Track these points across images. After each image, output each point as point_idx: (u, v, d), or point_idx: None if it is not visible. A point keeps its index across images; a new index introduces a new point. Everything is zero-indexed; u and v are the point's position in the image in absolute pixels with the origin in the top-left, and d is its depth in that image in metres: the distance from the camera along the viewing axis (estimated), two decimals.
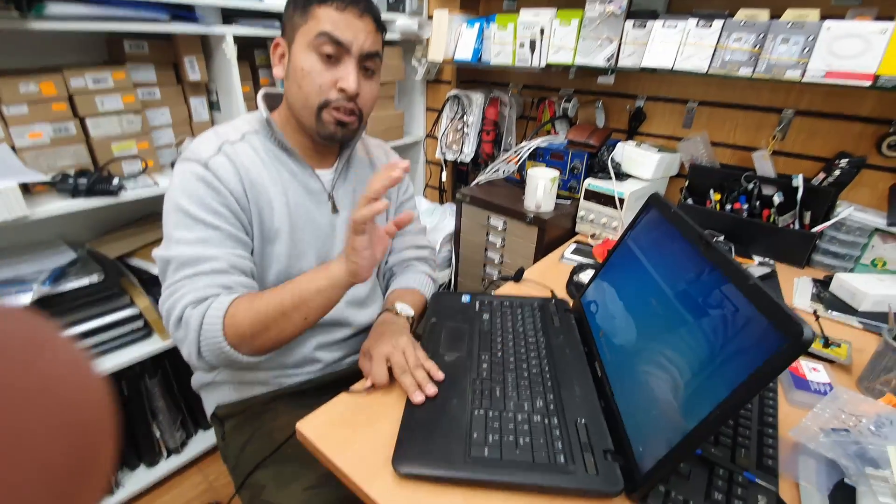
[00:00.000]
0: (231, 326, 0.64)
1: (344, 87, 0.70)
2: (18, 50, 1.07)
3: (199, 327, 0.64)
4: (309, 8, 0.69)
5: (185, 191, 0.68)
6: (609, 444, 0.57)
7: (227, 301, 0.65)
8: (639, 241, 0.75)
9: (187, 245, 0.67)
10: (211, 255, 0.67)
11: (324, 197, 0.81)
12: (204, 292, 0.65)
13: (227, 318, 0.64)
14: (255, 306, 0.65)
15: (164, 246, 0.69)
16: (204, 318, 0.64)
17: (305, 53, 0.69)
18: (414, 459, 0.55)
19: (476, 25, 1.41)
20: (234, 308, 0.65)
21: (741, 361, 0.46)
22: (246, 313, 0.65)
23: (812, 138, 1.18)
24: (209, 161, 0.69)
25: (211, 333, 0.64)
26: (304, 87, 0.70)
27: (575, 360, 0.73)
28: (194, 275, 0.66)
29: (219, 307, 0.65)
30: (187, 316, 0.64)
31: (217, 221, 0.69)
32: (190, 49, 1.16)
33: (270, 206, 0.74)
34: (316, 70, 0.69)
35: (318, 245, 0.80)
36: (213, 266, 0.67)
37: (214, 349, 0.65)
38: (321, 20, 0.68)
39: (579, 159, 1.32)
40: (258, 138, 0.76)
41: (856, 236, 1.08)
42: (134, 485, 1.27)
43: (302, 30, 0.69)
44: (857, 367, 0.80)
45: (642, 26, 1.11)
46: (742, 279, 0.50)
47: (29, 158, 0.99)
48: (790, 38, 0.95)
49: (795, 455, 0.61)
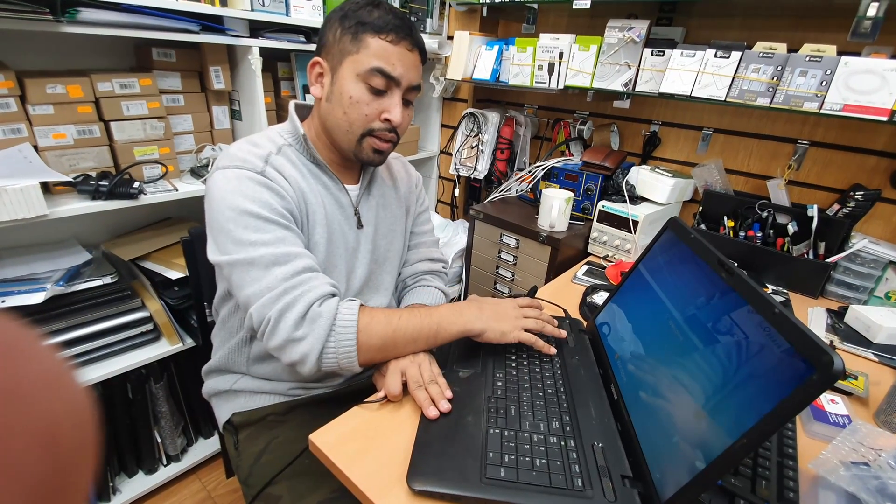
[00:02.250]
0: (364, 333, 0.66)
1: (390, 118, 0.71)
2: (46, 51, 1.09)
3: (331, 325, 0.64)
4: (361, 36, 0.68)
5: (248, 196, 0.67)
6: (627, 469, 0.56)
7: (356, 305, 0.67)
8: (656, 264, 0.75)
9: (268, 246, 0.65)
10: (297, 251, 0.67)
11: (351, 211, 0.81)
12: (324, 289, 0.66)
13: (361, 325, 0.66)
14: (394, 324, 0.68)
15: (231, 251, 0.66)
16: (336, 317, 0.65)
17: (354, 83, 0.70)
18: (428, 477, 0.54)
19: (495, 48, 1.44)
20: (369, 317, 0.67)
21: (767, 391, 0.45)
22: (381, 327, 0.67)
23: (826, 169, 1.19)
24: (265, 170, 0.70)
25: (344, 336, 0.64)
26: (349, 115, 0.71)
27: (590, 382, 0.72)
28: (296, 272, 0.65)
29: (350, 311, 0.66)
30: (314, 314, 0.64)
31: (288, 223, 0.69)
32: (216, 59, 1.18)
33: (314, 217, 0.75)
34: (364, 100, 0.70)
35: (347, 259, 0.81)
36: (306, 263, 0.67)
37: (341, 351, 0.64)
38: (374, 52, 0.68)
39: (594, 181, 1.33)
40: (293, 151, 0.76)
41: (870, 268, 1.08)
42: (131, 491, 1.25)
43: (352, 58, 0.69)
44: (873, 400, 0.79)
45: (660, 54, 1.13)
46: (767, 307, 0.50)
47: (51, 158, 1.01)
48: (808, 72, 0.96)
49: (816, 488, 0.60)
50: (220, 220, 0.66)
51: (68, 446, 0.19)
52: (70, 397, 0.20)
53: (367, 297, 0.87)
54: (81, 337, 1.06)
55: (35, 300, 0.96)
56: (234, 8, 1.14)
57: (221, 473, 1.39)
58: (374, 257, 0.86)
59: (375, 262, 0.87)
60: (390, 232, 0.88)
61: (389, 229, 0.88)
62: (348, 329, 0.64)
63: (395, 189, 0.91)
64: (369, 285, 0.87)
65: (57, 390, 0.20)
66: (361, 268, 0.83)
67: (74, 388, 0.21)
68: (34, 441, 0.18)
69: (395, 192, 0.91)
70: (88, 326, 1.06)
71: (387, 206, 0.88)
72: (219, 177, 0.68)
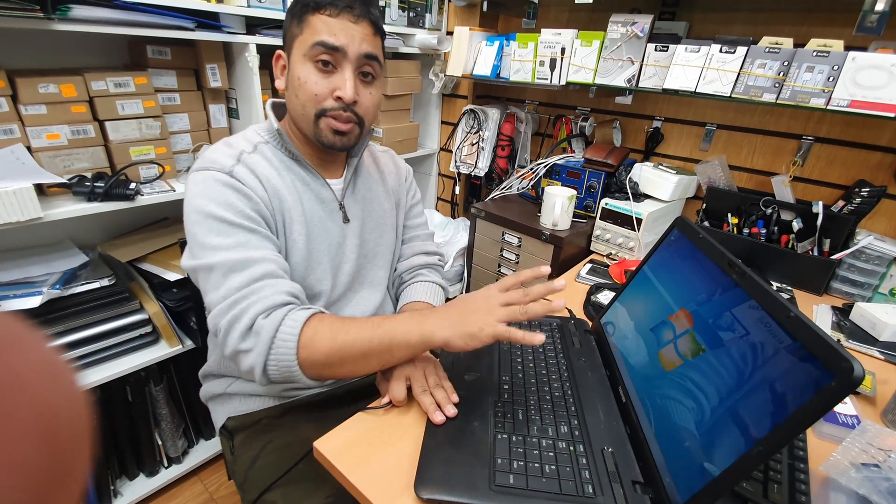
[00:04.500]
0: (306, 348, 0.61)
1: (340, 94, 0.69)
2: (38, 50, 1.07)
3: (272, 340, 0.61)
4: (304, 17, 0.68)
5: (213, 198, 0.66)
6: (638, 474, 0.56)
7: (303, 318, 0.62)
8: (663, 264, 0.74)
9: (228, 250, 0.64)
10: (257, 256, 0.65)
11: (335, 206, 0.80)
12: (273, 300, 0.63)
13: (303, 339, 0.61)
14: (339, 339, 0.62)
15: (197, 255, 0.66)
16: (278, 331, 0.61)
17: (302, 63, 0.69)
18: (436, 484, 0.54)
19: (496, 43, 1.42)
20: (313, 331, 0.62)
21: (783, 397, 0.44)
22: (325, 342, 0.62)
23: (831, 166, 1.18)
24: (233, 170, 0.68)
25: (283, 350, 0.61)
26: (300, 97, 0.70)
27: (597, 384, 0.71)
28: (251, 280, 0.63)
29: (293, 324, 0.62)
30: (258, 326, 0.61)
31: (253, 225, 0.67)
32: (212, 56, 1.16)
33: (290, 214, 0.74)
34: (312, 79, 0.69)
35: (332, 255, 0.80)
36: (266, 269, 0.65)
37: (282, 366, 0.62)
38: (316, 29, 0.67)
39: (596, 178, 1.32)
40: (269, 149, 0.75)
41: (874, 265, 1.07)
42: (132, 494, 1.25)
43: (298, 40, 0.69)
44: (881, 399, 0.78)
45: (664, 49, 1.12)
46: (782, 310, 0.49)
47: (45, 159, 0.99)
48: (815, 67, 0.95)
49: (826, 490, 0.60)
50: (188, 223, 0.67)
51: (65, 438, 0.19)
52: (66, 389, 0.20)
53: (358, 292, 0.86)
54: (79, 340, 1.04)
55: (31, 304, 0.94)
56: (230, 4, 1.11)
57: (223, 475, 1.38)
58: (363, 252, 0.85)
59: (364, 256, 0.85)
60: (379, 226, 0.87)
61: (378, 223, 0.87)
62: (288, 344, 0.61)
63: (383, 182, 0.90)
64: (359, 280, 0.86)
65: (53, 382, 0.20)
66: (349, 263, 0.82)
67: (70, 381, 0.21)
68: (32, 432, 0.18)
69: (383, 185, 0.89)
70: (86, 330, 1.05)
71: (374, 200, 0.86)
72: (190, 180, 0.69)
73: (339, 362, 0.63)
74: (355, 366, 0.64)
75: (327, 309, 0.81)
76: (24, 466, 0.17)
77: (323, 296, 0.80)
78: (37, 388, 0.19)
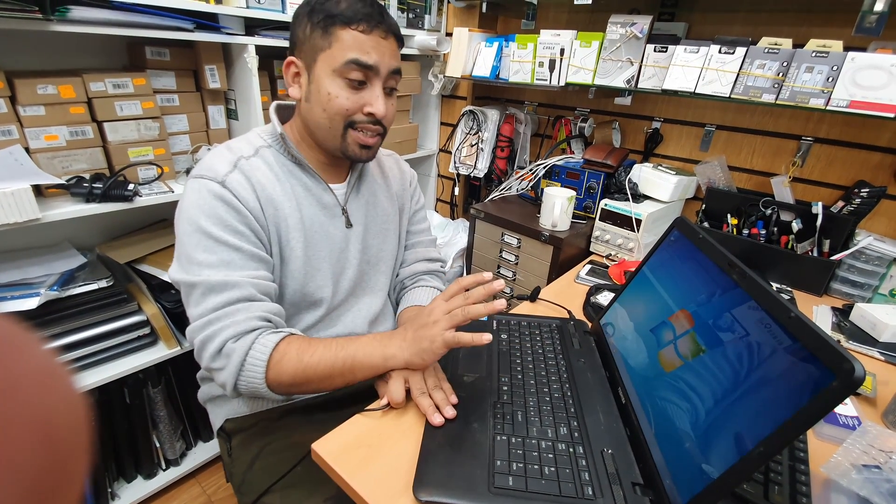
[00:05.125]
0: (274, 370, 0.65)
1: (373, 111, 0.70)
2: (37, 51, 1.06)
3: (241, 364, 0.64)
4: (331, 30, 0.66)
5: (204, 210, 0.66)
6: (637, 476, 0.55)
7: (273, 342, 0.65)
8: (663, 265, 0.74)
9: (211, 269, 0.66)
10: (236, 280, 0.66)
11: (338, 211, 0.79)
12: (245, 325, 0.65)
13: (272, 363, 0.65)
14: (305, 361, 0.65)
15: (184, 268, 0.67)
16: (247, 356, 0.64)
17: (331, 79, 0.68)
18: (435, 486, 0.53)
19: (495, 44, 1.42)
20: (280, 354, 0.65)
21: (783, 398, 0.44)
22: (291, 363, 0.65)
23: (830, 166, 1.18)
24: (226, 179, 0.68)
25: (252, 374, 0.64)
26: (329, 112, 0.69)
27: (597, 385, 0.71)
28: (226, 304, 0.65)
29: (263, 350, 0.65)
30: (229, 349, 0.64)
31: (239, 242, 0.67)
32: (211, 58, 1.16)
33: (286, 222, 0.73)
34: (343, 95, 0.68)
35: (333, 260, 0.79)
36: (243, 293, 0.66)
37: (251, 387, 0.65)
38: (346, 45, 0.66)
39: (596, 179, 1.31)
40: (271, 153, 0.75)
41: (874, 266, 1.07)
42: (130, 496, 1.24)
43: (325, 54, 0.67)
44: (881, 400, 0.78)
45: (663, 50, 1.12)
46: (782, 311, 0.48)
47: (43, 160, 0.98)
48: (814, 67, 0.95)
49: (828, 492, 0.59)
50: (178, 230, 0.68)
51: (63, 441, 0.19)
52: (64, 393, 0.20)
53: (361, 298, 0.86)
54: (77, 342, 1.04)
55: (29, 306, 0.94)
56: (229, 5, 1.11)
57: (221, 477, 1.38)
58: (366, 257, 0.84)
59: (367, 262, 0.85)
60: (382, 231, 0.87)
61: (381, 228, 0.86)
62: (257, 367, 0.64)
63: (387, 187, 0.89)
64: (361, 286, 0.85)
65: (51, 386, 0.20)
66: (352, 269, 0.82)
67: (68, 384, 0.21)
68: (30, 436, 0.18)
69: (387, 190, 0.89)
70: (84, 331, 1.05)
71: (377, 205, 0.86)
72: (187, 187, 0.69)
73: (305, 382, 0.66)
74: (321, 384, 0.67)
75: (328, 315, 0.82)
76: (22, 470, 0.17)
77: (324, 303, 0.79)
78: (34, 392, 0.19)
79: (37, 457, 0.18)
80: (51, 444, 0.18)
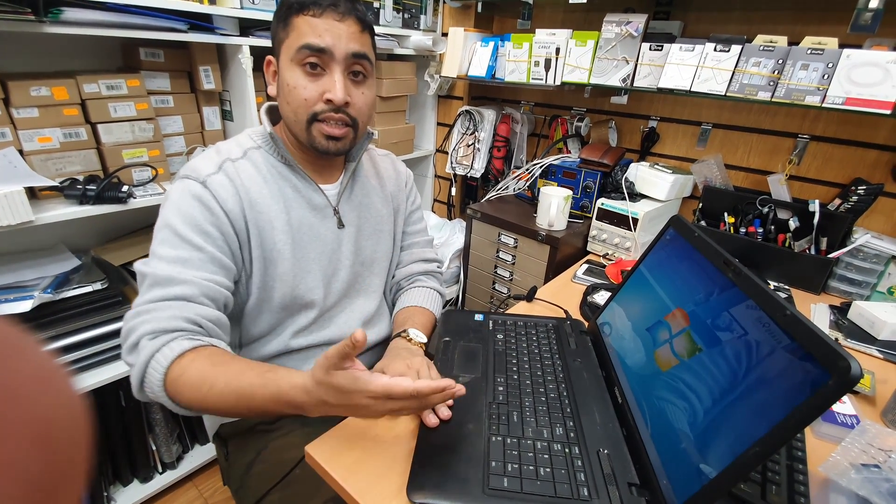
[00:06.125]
0: (172, 384, 0.58)
1: (330, 97, 0.67)
2: (30, 53, 1.06)
3: (146, 364, 0.59)
4: (289, 19, 0.67)
5: (180, 208, 0.66)
6: (634, 476, 0.55)
7: (177, 350, 0.59)
8: (659, 264, 0.74)
9: (165, 263, 0.64)
10: (185, 278, 0.63)
11: (329, 212, 0.79)
12: (167, 324, 0.61)
13: (170, 375, 0.58)
14: (203, 391, 0.57)
15: (146, 260, 0.66)
16: (152, 357, 0.59)
17: (290, 68, 0.67)
18: (429, 489, 0.53)
19: (490, 44, 1.42)
20: (181, 369, 0.58)
21: (780, 397, 0.43)
22: (188, 389, 0.58)
23: (827, 164, 1.18)
24: (208, 180, 0.67)
25: (153, 378, 0.59)
26: (291, 103, 0.69)
27: (593, 385, 0.70)
28: (162, 299, 0.62)
29: (166, 356, 0.58)
30: (142, 346, 0.60)
31: (203, 243, 0.66)
32: (205, 59, 1.16)
33: (271, 225, 0.72)
34: (301, 84, 0.67)
35: (324, 261, 0.78)
36: (183, 292, 0.63)
37: (154, 394, 0.60)
38: (301, 31, 0.66)
39: (592, 178, 1.31)
40: (260, 154, 0.74)
41: (872, 263, 1.07)
42: (126, 500, 1.23)
43: (285, 44, 0.68)
44: (880, 399, 0.78)
45: (659, 48, 1.11)
46: (778, 309, 0.48)
47: (37, 162, 0.98)
48: (810, 65, 0.94)
49: (826, 492, 0.59)
50: (156, 225, 0.68)
51: (62, 444, 0.19)
52: (63, 395, 0.20)
53: (354, 300, 0.85)
54: (72, 345, 1.03)
55: (22, 308, 0.93)
56: (223, 6, 1.11)
57: (218, 480, 1.37)
58: (360, 259, 0.83)
59: (361, 263, 0.84)
60: (376, 232, 0.86)
61: (375, 230, 0.85)
62: (156, 375, 0.58)
63: (382, 187, 0.88)
64: (355, 288, 0.85)
65: (50, 388, 0.20)
66: (344, 270, 0.81)
67: (67, 387, 0.21)
68: (29, 439, 0.18)
69: (382, 190, 0.88)
70: (79, 334, 1.04)
71: (371, 206, 0.85)
72: (171, 187, 0.69)
73: (204, 408, 0.61)
74: (220, 410, 0.60)
75: (321, 317, 0.81)
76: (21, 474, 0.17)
77: (316, 305, 0.78)
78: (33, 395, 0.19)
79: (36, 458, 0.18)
80: (50, 445, 0.18)
